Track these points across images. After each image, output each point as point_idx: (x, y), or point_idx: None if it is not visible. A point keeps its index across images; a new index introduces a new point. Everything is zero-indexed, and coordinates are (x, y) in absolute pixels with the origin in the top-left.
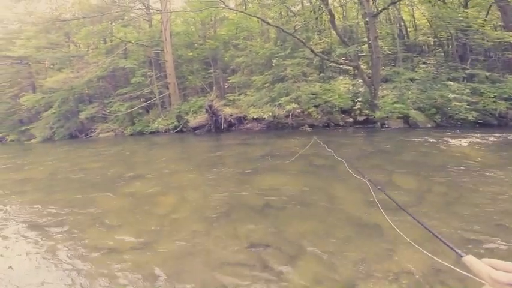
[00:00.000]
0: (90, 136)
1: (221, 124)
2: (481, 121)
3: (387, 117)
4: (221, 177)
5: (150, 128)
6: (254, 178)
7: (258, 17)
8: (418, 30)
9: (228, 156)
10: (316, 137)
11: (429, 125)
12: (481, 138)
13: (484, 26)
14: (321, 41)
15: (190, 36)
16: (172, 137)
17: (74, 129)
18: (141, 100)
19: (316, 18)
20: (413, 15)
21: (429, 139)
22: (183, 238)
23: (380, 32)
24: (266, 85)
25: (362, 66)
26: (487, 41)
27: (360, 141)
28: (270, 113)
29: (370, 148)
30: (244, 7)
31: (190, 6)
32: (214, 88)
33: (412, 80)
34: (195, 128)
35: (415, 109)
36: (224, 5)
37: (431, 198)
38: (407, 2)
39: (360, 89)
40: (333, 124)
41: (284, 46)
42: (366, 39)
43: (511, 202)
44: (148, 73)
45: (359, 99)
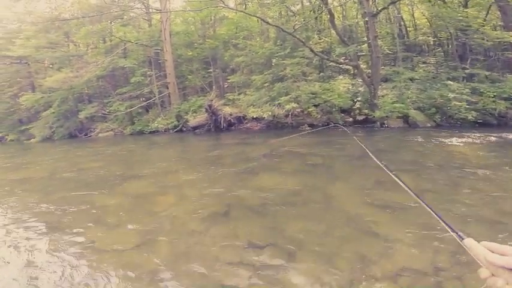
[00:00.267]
0: (89, 136)
1: (221, 124)
2: (481, 121)
3: (387, 116)
4: (220, 176)
5: (150, 128)
6: (253, 177)
7: (258, 17)
8: (418, 29)
9: (227, 155)
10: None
11: (429, 125)
12: (481, 137)
13: (484, 26)
14: (321, 41)
15: (189, 35)
16: (171, 137)
17: (74, 128)
18: (141, 100)
19: (315, 17)
20: (413, 14)
21: (429, 139)
22: (182, 237)
23: (380, 32)
24: (266, 85)
25: (362, 65)
26: (487, 41)
27: (360, 140)
28: (270, 113)
29: (369, 147)
30: (243, 6)
31: (189, 5)
32: (213, 88)
33: (412, 80)
34: (195, 128)
35: (415, 109)
36: (224, 5)
37: (430, 197)
38: (407, 2)
39: (360, 89)
40: (333, 123)
41: (284, 46)
42: (366, 38)
43: (510, 202)
44: (147, 73)
45: (359, 98)
